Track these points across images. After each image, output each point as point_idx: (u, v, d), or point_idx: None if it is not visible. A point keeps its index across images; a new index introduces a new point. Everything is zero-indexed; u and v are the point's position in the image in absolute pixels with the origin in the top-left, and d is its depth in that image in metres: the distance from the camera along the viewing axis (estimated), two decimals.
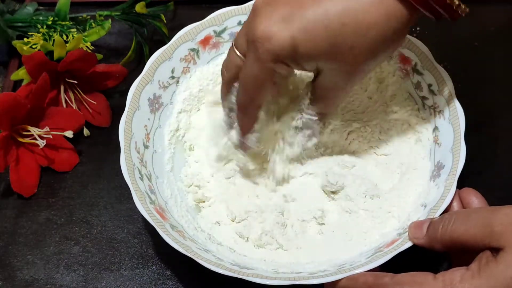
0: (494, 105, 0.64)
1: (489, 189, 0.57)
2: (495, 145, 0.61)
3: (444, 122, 0.54)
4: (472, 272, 0.41)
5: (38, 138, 0.59)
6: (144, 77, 0.57)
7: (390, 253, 0.46)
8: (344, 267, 0.47)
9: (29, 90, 0.60)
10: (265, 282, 0.46)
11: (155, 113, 0.57)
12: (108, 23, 0.65)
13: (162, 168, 0.56)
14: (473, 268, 0.41)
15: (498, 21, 0.70)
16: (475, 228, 0.42)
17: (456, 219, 0.44)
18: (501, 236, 0.41)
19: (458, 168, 0.50)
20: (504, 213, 0.42)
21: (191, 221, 0.54)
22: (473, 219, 0.43)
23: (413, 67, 0.57)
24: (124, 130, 0.54)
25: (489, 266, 0.40)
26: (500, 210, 0.42)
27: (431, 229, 0.45)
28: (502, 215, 0.41)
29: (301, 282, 0.46)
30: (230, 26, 0.60)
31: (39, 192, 0.61)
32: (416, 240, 0.47)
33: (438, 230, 0.45)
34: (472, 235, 0.42)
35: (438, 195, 0.50)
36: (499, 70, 0.66)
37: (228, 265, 0.48)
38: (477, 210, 0.45)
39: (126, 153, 0.52)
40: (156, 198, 0.53)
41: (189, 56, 0.59)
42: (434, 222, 0.46)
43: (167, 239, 0.48)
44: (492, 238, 0.41)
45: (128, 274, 0.55)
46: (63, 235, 0.58)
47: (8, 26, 0.67)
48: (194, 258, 0.47)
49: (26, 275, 0.56)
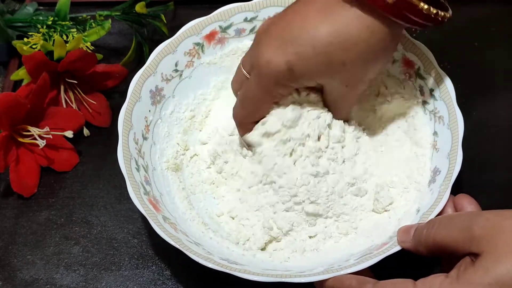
0: (494, 105, 0.64)
1: (488, 191, 0.58)
2: (495, 145, 0.61)
3: (443, 127, 0.54)
4: (451, 279, 0.41)
5: (38, 138, 0.59)
6: (147, 69, 0.57)
7: (379, 255, 0.47)
8: (332, 267, 0.48)
9: (29, 90, 0.60)
10: (253, 278, 0.46)
11: (156, 105, 0.58)
12: (108, 23, 0.65)
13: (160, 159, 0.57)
14: (452, 275, 0.41)
15: (498, 21, 0.70)
16: (456, 232, 0.42)
17: (439, 223, 0.44)
18: (480, 241, 0.40)
19: (453, 174, 0.50)
20: (486, 218, 0.41)
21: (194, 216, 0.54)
22: (455, 223, 0.42)
23: (416, 70, 0.56)
24: (124, 120, 0.54)
25: (467, 273, 0.40)
26: (482, 214, 0.42)
27: (417, 233, 0.46)
28: (483, 219, 0.41)
29: (289, 279, 0.46)
30: (236, 22, 0.60)
31: (39, 192, 0.61)
32: (403, 244, 0.47)
33: (422, 234, 0.45)
34: (454, 240, 0.42)
35: (431, 200, 0.50)
36: (499, 70, 0.66)
37: (217, 259, 0.48)
38: (460, 214, 0.45)
39: (124, 143, 0.53)
40: (151, 189, 0.53)
41: (194, 50, 0.60)
42: (419, 226, 0.46)
43: (157, 230, 0.48)
44: (472, 243, 0.40)
45: (128, 274, 0.56)
46: (63, 235, 0.58)
47: (8, 26, 0.67)
48: (184, 251, 0.47)
49: (26, 275, 0.56)
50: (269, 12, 0.60)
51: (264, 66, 0.48)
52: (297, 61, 0.47)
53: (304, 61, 0.47)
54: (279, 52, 0.48)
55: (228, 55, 0.61)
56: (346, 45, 0.46)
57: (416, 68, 0.56)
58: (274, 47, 0.48)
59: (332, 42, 0.46)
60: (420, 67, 0.56)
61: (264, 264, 0.51)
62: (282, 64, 0.48)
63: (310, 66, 0.48)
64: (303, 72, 0.48)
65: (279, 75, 0.48)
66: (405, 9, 0.44)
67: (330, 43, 0.46)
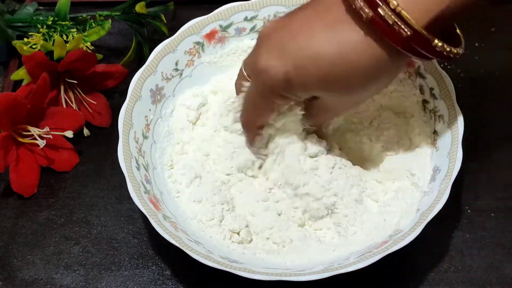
0: (494, 105, 0.64)
1: (488, 191, 0.58)
2: (495, 145, 0.61)
3: (443, 126, 0.54)
4: None
5: (38, 138, 0.59)
6: (148, 68, 0.57)
7: (379, 254, 0.46)
8: (332, 266, 0.48)
9: (29, 90, 0.60)
10: (253, 276, 0.46)
11: (157, 104, 0.58)
12: (108, 23, 0.65)
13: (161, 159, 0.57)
14: None
15: (498, 21, 0.70)
16: None
17: None
18: None
19: (453, 173, 0.50)
20: None
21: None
22: None
23: (416, 70, 0.57)
24: (124, 119, 0.54)
25: None
26: None
27: None
28: None
29: (289, 278, 0.46)
30: (236, 21, 0.60)
31: (39, 192, 0.61)
32: None
33: None
34: None
35: (431, 199, 0.50)
36: (499, 70, 0.66)
37: (217, 258, 0.48)
38: None
39: (124, 142, 0.53)
40: (151, 188, 0.53)
41: (194, 49, 0.60)
42: None
43: (157, 229, 0.48)
44: None
45: (128, 274, 0.55)
46: (63, 235, 0.58)
47: (8, 26, 0.67)
48: (184, 249, 0.47)
49: (26, 275, 0.56)
50: (269, 11, 0.60)
51: (261, 72, 0.47)
52: (296, 74, 0.46)
53: (303, 76, 0.46)
54: (278, 61, 0.46)
55: (229, 54, 0.61)
56: (351, 71, 0.45)
57: (416, 67, 0.56)
58: (273, 55, 0.46)
59: (337, 64, 0.45)
60: (420, 66, 0.56)
61: (264, 263, 0.51)
62: (279, 74, 0.46)
63: (308, 82, 0.46)
64: (300, 85, 0.47)
65: (275, 84, 0.47)
66: (418, 44, 0.43)
67: (334, 65, 0.45)
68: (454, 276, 0.54)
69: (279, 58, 0.46)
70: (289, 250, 0.52)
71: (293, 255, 0.52)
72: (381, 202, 0.54)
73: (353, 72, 0.45)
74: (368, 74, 0.45)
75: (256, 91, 0.50)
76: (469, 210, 0.57)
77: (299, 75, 0.46)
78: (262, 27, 0.49)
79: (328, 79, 0.46)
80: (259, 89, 0.49)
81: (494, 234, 0.56)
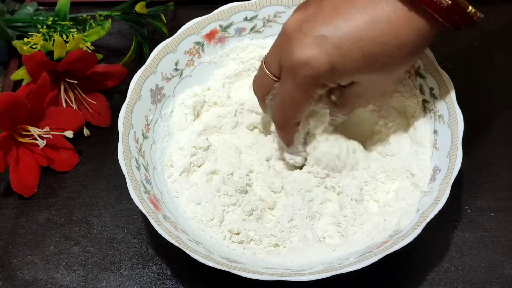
0: (494, 105, 0.64)
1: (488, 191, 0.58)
2: (495, 145, 0.61)
3: (443, 126, 0.54)
4: None
5: (38, 138, 0.59)
6: (147, 68, 0.57)
7: (379, 254, 0.46)
8: (332, 266, 0.48)
9: (29, 90, 0.60)
10: (253, 276, 0.46)
11: (157, 104, 0.58)
12: (108, 23, 0.65)
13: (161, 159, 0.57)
14: None
15: (498, 21, 0.70)
16: None
17: None
18: None
19: (453, 173, 0.50)
20: None
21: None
22: None
23: (416, 70, 0.57)
24: (124, 119, 0.54)
25: None
26: None
27: None
28: None
29: (289, 278, 0.46)
30: (236, 21, 0.60)
31: (39, 192, 0.61)
32: None
33: None
34: None
35: (431, 199, 0.50)
36: (499, 70, 0.66)
37: (218, 258, 0.48)
38: None
39: (124, 142, 0.53)
40: (151, 188, 0.53)
41: (194, 49, 0.60)
42: None
43: (157, 229, 0.48)
44: None
45: (128, 274, 0.55)
46: (63, 235, 0.58)
47: (8, 26, 0.67)
48: (184, 249, 0.47)
49: (26, 275, 0.56)
50: (269, 11, 0.60)
51: (301, 67, 0.46)
52: (341, 61, 0.45)
53: (349, 61, 0.45)
54: (318, 51, 0.45)
55: (228, 54, 0.61)
56: (394, 47, 0.45)
57: (416, 67, 0.56)
58: (311, 46, 0.45)
59: (383, 42, 0.45)
60: (421, 66, 0.56)
61: (264, 263, 0.51)
62: (323, 63, 0.45)
63: (354, 66, 0.46)
64: (345, 71, 0.46)
65: (320, 75, 0.46)
66: (457, 13, 0.43)
67: (380, 43, 0.45)
68: (454, 276, 0.54)
69: (319, 48, 0.45)
70: (289, 250, 0.53)
71: (293, 255, 0.52)
72: (381, 202, 0.54)
73: (399, 49, 0.45)
74: (414, 48, 0.46)
75: (295, 86, 0.48)
76: (469, 210, 0.57)
77: (344, 61, 0.45)
78: (284, 24, 0.48)
79: (373, 59, 0.46)
80: (298, 84, 0.48)
81: (494, 234, 0.56)
